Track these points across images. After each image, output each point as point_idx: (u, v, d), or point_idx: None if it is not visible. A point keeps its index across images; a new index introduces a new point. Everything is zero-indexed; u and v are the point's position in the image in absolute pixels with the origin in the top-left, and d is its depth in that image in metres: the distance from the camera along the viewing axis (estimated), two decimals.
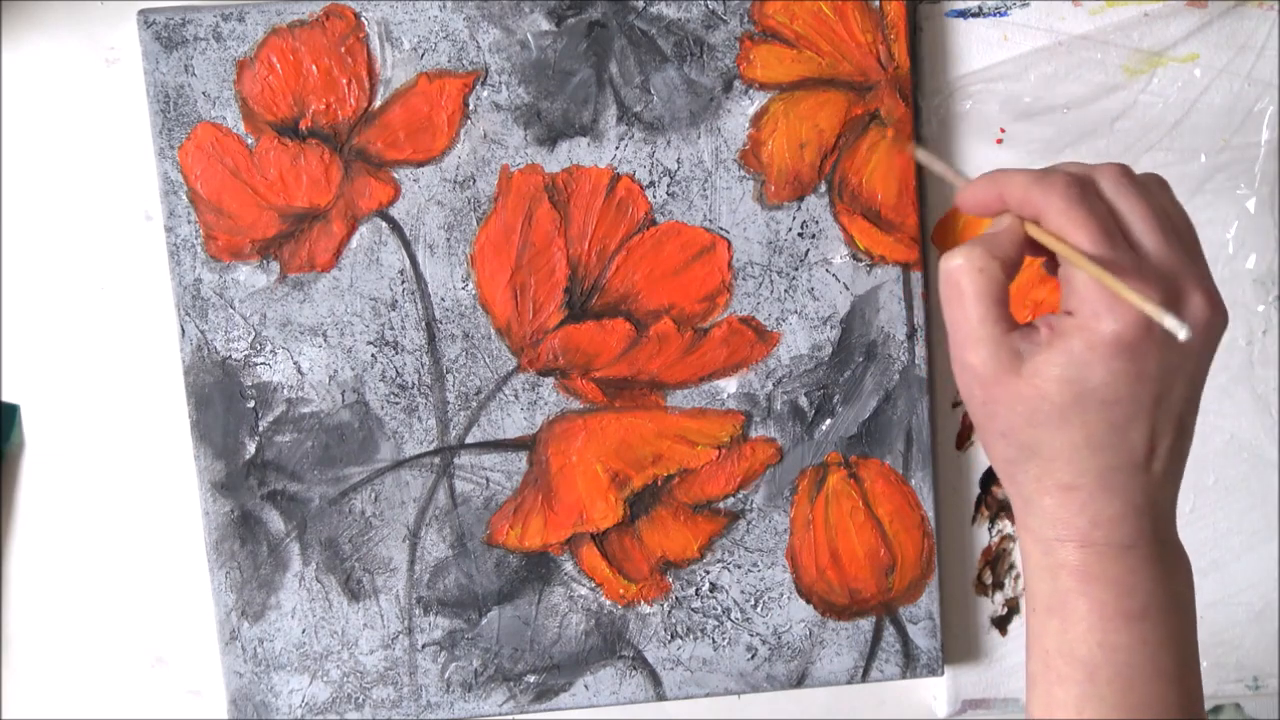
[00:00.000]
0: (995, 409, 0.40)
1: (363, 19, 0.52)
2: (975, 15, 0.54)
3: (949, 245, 0.56)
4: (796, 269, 0.54)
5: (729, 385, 0.55)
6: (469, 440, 0.55)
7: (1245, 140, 0.55)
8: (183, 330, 0.54)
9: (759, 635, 0.57)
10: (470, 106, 0.53)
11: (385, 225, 0.53)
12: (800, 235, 0.54)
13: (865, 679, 0.57)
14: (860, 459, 0.56)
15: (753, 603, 0.56)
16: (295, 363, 0.54)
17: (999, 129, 0.55)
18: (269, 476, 0.54)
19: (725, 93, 0.53)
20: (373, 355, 0.54)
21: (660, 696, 0.57)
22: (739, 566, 0.56)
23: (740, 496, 0.56)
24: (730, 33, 0.53)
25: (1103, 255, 0.38)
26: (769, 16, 0.53)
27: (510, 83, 0.53)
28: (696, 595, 0.56)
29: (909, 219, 0.54)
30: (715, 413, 0.55)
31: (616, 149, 0.53)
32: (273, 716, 0.56)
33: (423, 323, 0.54)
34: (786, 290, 0.54)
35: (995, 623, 0.59)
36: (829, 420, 0.55)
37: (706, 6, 0.52)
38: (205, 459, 0.54)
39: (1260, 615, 0.59)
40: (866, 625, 0.57)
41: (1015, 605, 0.59)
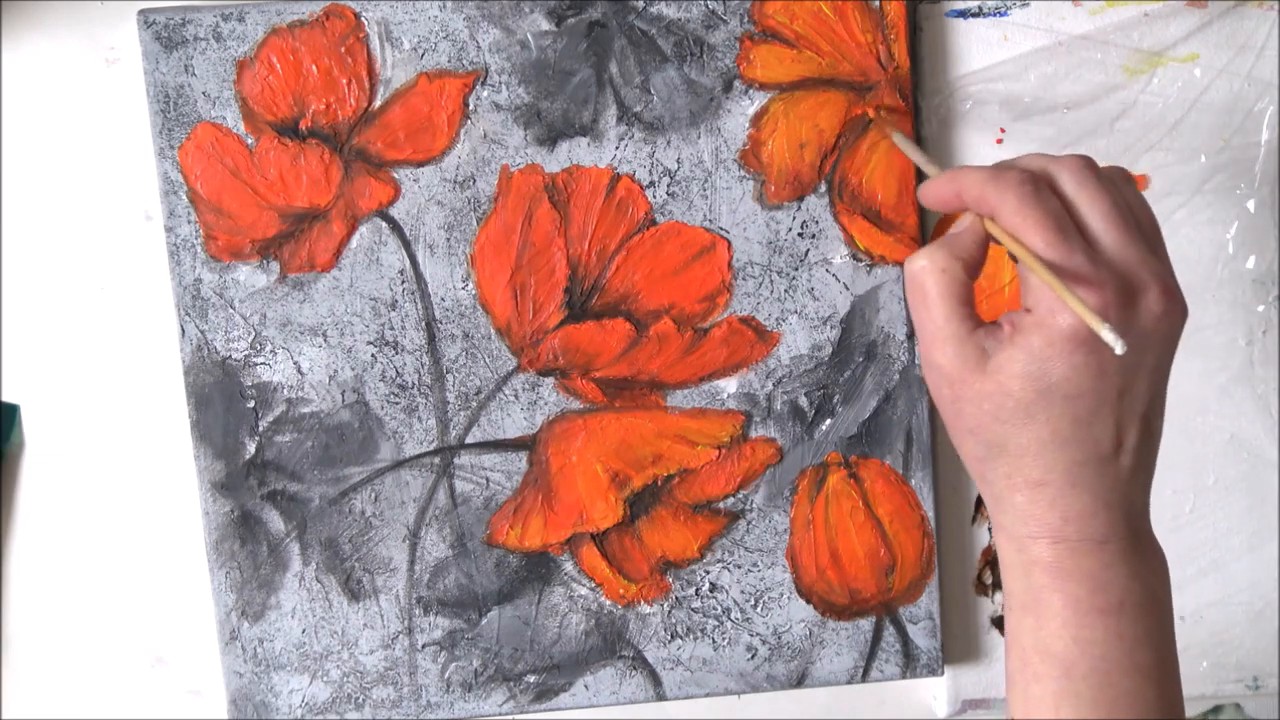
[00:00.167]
0: (962, 407, 0.41)
1: (363, 19, 0.52)
2: (975, 15, 0.54)
3: None
4: (796, 269, 0.54)
5: (729, 385, 0.55)
6: (469, 440, 0.55)
7: (1245, 140, 0.55)
8: (183, 330, 0.54)
9: (759, 635, 0.57)
10: (470, 106, 0.53)
11: (385, 225, 0.53)
12: (800, 235, 0.54)
13: (865, 679, 0.57)
14: (860, 459, 0.56)
15: (753, 603, 0.56)
16: (295, 363, 0.54)
17: (999, 129, 0.55)
18: (269, 476, 0.54)
19: (725, 93, 0.53)
20: (373, 355, 0.54)
21: (660, 696, 0.57)
22: (739, 566, 0.56)
23: (740, 496, 0.56)
24: (730, 33, 0.53)
25: (1054, 255, 0.38)
26: (769, 16, 0.53)
27: (510, 83, 0.53)
28: (696, 595, 0.56)
29: (909, 219, 0.54)
30: (715, 413, 0.55)
31: (616, 149, 0.53)
32: (273, 716, 0.56)
33: (423, 323, 0.54)
34: (786, 290, 0.55)
35: (995, 623, 0.59)
36: (829, 420, 0.55)
37: (706, 6, 0.52)
38: (205, 459, 0.54)
39: (1260, 615, 0.59)
40: (866, 625, 0.57)
41: None
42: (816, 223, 0.54)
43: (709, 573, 0.56)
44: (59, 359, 0.56)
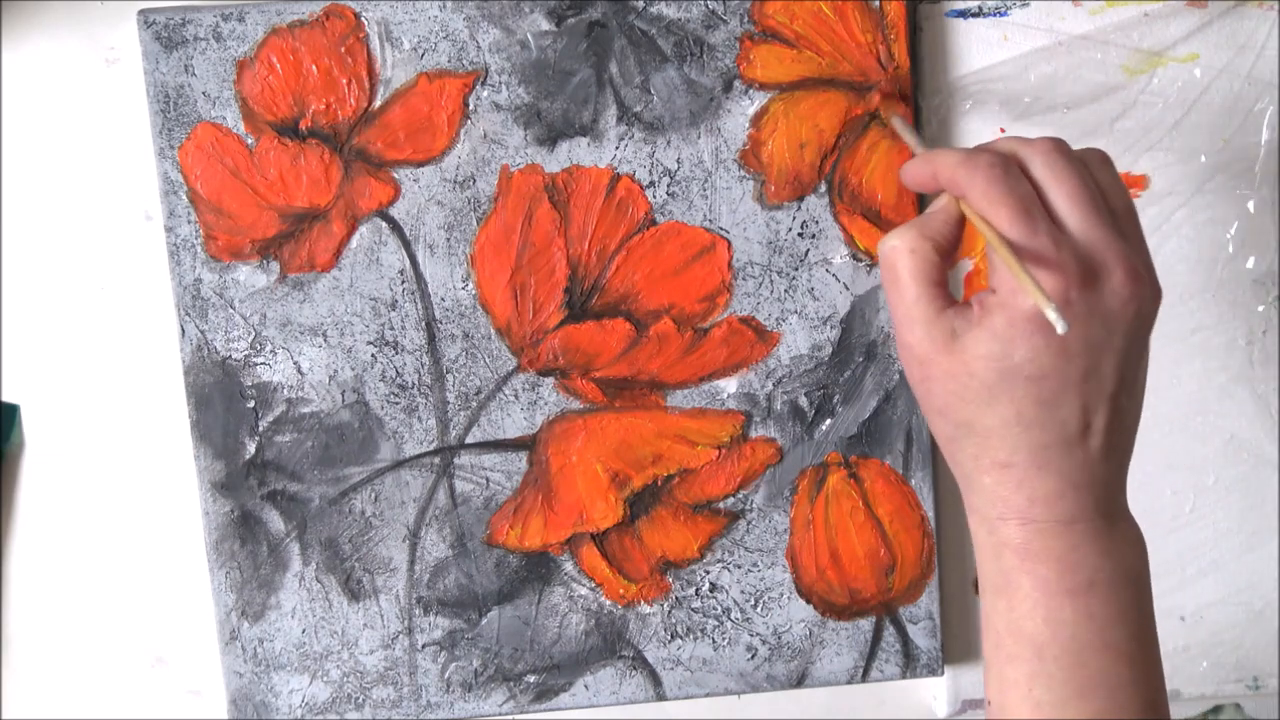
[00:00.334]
0: (931, 386, 0.41)
1: (363, 19, 0.52)
2: (975, 15, 0.54)
3: None
4: (796, 269, 0.54)
5: (729, 385, 0.55)
6: (469, 440, 0.55)
7: (1245, 140, 0.55)
8: (183, 330, 0.54)
9: (759, 635, 0.57)
10: (470, 106, 0.53)
11: (385, 225, 0.53)
12: (800, 235, 0.54)
13: (865, 679, 0.57)
14: (860, 459, 0.56)
15: (753, 603, 0.56)
16: (295, 363, 0.54)
17: (999, 129, 0.55)
18: (269, 476, 0.54)
19: (725, 93, 0.53)
20: (373, 355, 0.54)
21: (660, 696, 0.57)
22: (739, 566, 0.56)
23: (740, 496, 0.56)
24: (730, 33, 0.53)
25: (1016, 235, 0.39)
26: (769, 16, 0.53)
27: (510, 83, 0.53)
28: (696, 595, 0.56)
29: (909, 219, 0.54)
30: (715, 413, 0.55)
31: (616, 149, 0.53)
32: (273, 716, 0.56)
33: (423, 323, 0.54)
34: (786, 290, 0.55)
35: None
36: (829, 420, 0.55)
37: (706, 6, 0.52)
38: (205, 459, 0.54)
39: (1260, 615, 0.59)
40: (866, 625, 0.57)
41: None
42: (816, 223, 0.54)
43: (709, 573, 0.56)
44: (59, 359, 0.56)
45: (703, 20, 0.53)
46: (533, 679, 0.56)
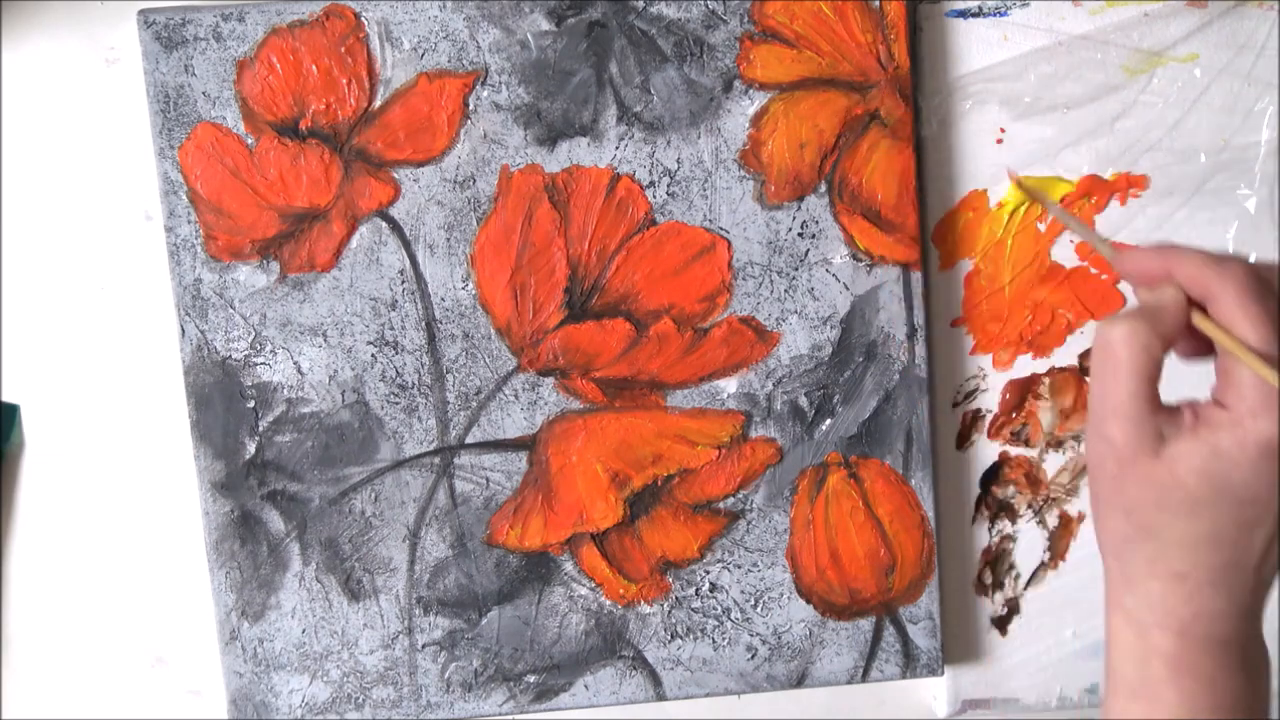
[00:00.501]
0: (1125, 484, 0.40)
1: (363, 19, 0.52)
2: (975, 15, 0.54)
3: (949, 246, 0.56)
4: (796, 269, 0.54)
5: (729, 385, 0.55)
6: (469, 440, 0.55)
7: (1245, 140, 0.55)
8: (183, 330, 0.54)
9: (759, 635, 0.57)
10: (470, 106, 0.53)
11: (385, 225, 0.53)
12: (800, 235, 0.54)
13: (865, 679, 0.57)
14: (860, 459, 0.56)
15: (753, 603, 0.56)
16: (295, 363, 0.54)
17: (999, 129, 0.55)
18: (269, 476, 0.54)
19: (725, 93, 0.53)
20: (373, 355, 0.54)
21: (660, 696, 0.57)
22: (739, 566, 0.56)
23: (740, 496, 0.56)
24: (730, 33, 0.53)
25: (1272, 353, 0.38)
26: (769, 16, 0.53)
27: (510, 83, 0.53)
28: (696, 595, 0.56)
29: (909, 219, 0.54)
30: (715, 413, 0.55)
31: (616, 149, 0.53)
32: (273, 716, 0.56)
33: (423, 323, 0.54)
34: (786, 290, 0.54)
35: (995, 623, 0.59)
36: (829, 420, 0.55)
37: (706, 6, 0.52)
38: (205, 459, 0.54)
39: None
40: (866, 625, 0.57)
41: (1015, 605, 0.59)
42: (816, 223, 0.54)
43: (709, 573, 0.56)
44: (59, 359, 0.56)
45: (703, 20, 0.53)
46: (533, 679, 0.56)
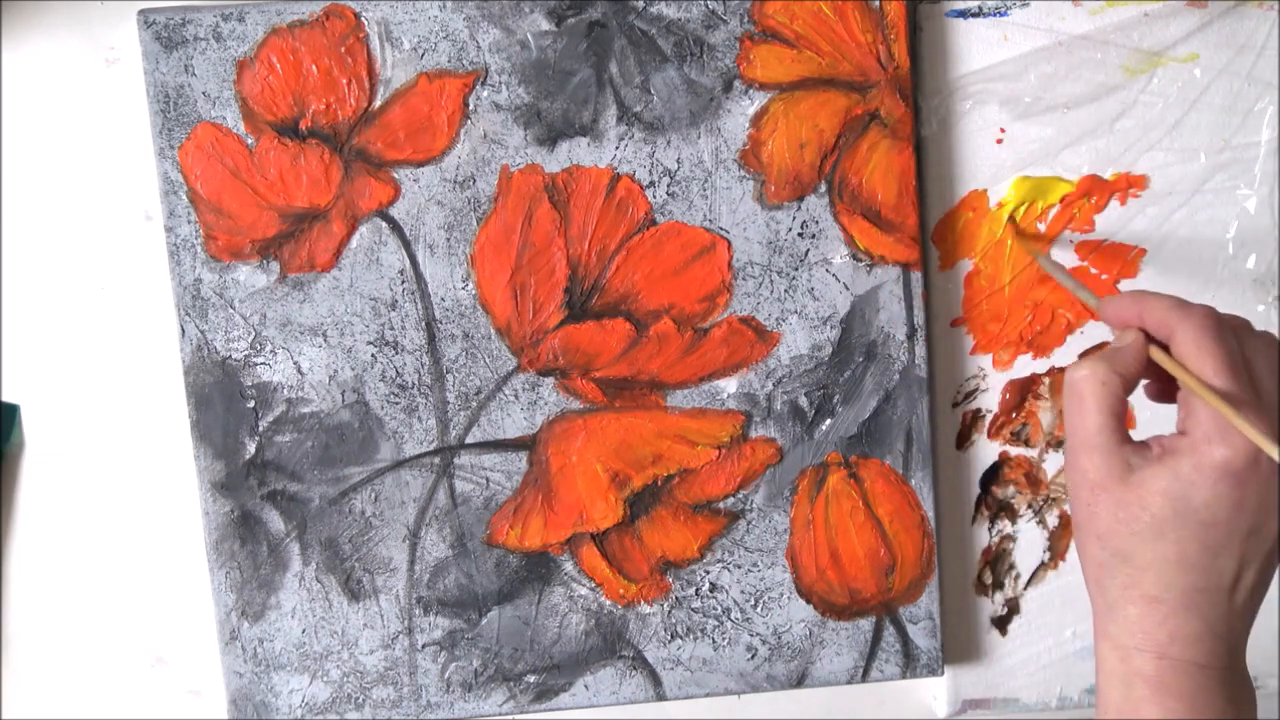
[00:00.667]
0: (1098, 511, 0.42)
1: (363, 19, 0.52)
2: (975, 15, 0.54)
3: (949, 246, 0.56)
4: (796, 269, 0.54)
5: (729, 385, 0.55)
6: (469, 440, 0.55)
7: (1245, 140, 0.55)
8: (183, 330, 0.54)
9: (759, 635, 0.57)
10: (470, 106, 0.53)
11: (385, 225, 0.53)
12: (800, 235, 0.54)
13: (865, 679, 0.57)
14: (860, 459, 0.56)
15: (753, 603, 0.56)
16: (295, 363, 0.54)
17: (999, 129, 0.55)
18: (269, 476, 0.54)
19: (725, 93, 0.53)
20: (373, 355, 0.54)
21: (660, 696, 0.57)
22: (739, 566, 0.56)
23: (740, 496, 0.56)
24: (730, 33, 0.53)
25: (1224, 387, 0.41)
26: (769, 16, 0.53)
27: (510, 83, 0.53)
28: (696, 595, 0.56)
29: (909, 219, 0.54)
30: (715, 413, 0.55)
31: (616, 149, 0.53)
32: (273, 716, 0.56)
33: (423, 323, 0.54)
34: (786, 290, 0.54)
35: (995, 623, 0.59)
36: (829, 420, 0.55)
37: (706, 6, 0.52)
38: (205, 459, 0.54)
39: (1260, 615, 0.59)
40: (866, 625, 0.57)
41: (1015, 605, 0.59)
42: (816, 223, 0.54)
43: (709, 573, 0.56)
44: (59, 359, 0.56)
45: (703, 20, 0.53)
46: (533, 679, 0.56)
